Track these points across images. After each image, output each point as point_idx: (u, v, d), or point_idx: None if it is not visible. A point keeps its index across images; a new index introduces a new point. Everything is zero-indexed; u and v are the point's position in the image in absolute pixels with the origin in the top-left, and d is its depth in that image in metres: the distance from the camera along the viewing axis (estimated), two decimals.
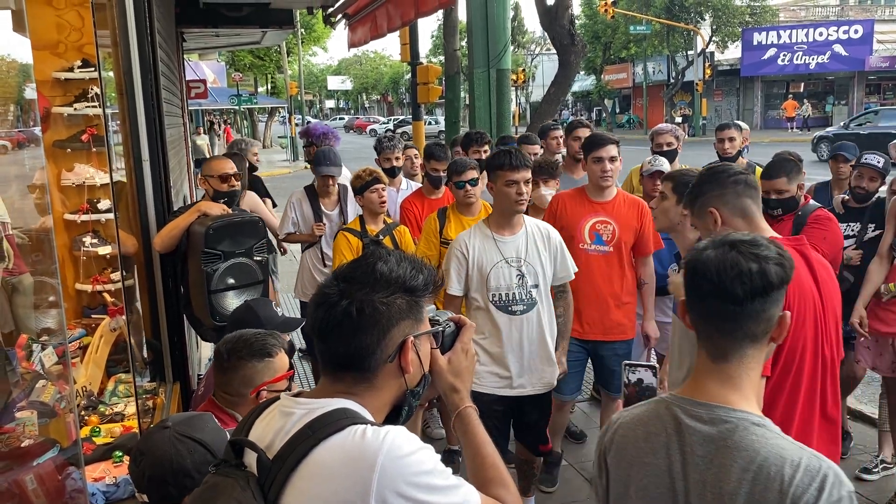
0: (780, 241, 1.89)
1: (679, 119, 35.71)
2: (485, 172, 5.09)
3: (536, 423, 3.62)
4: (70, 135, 3.85)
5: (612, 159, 4.02)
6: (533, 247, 3.43)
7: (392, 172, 5.40)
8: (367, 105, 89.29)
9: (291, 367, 2.41)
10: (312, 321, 1.37)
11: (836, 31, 35.69)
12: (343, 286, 1.35)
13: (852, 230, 4.50)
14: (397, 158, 5.42)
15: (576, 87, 46.13)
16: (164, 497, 1.74)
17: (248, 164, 6.07)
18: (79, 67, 3.75)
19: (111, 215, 3.70)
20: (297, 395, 1.40)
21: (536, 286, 3.43)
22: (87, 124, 3.82)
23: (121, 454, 2.90)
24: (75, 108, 3.74)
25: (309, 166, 5.62)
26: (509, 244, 3.42)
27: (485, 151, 5.21)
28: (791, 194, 3.68)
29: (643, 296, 4.24)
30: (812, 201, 4.01)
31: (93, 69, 3.66)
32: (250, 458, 1.32)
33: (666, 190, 3.09)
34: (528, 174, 3.39)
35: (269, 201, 6.15)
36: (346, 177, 5.53)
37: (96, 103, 3.64)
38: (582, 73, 43.00)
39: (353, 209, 5.00)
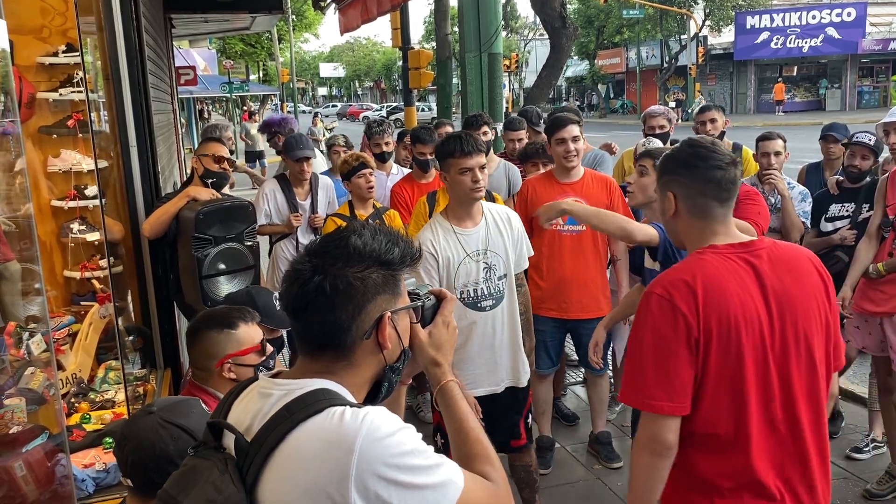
0: (731, 247, 1.92)
1: (673, 103, 35.68)
2: (492, 156, 5.07)
3: (506, 414, 3.38)
4: (56, 120, 3.80)
5: (575, 139, 4.02)
6: (496, 234, 3.25)
7: (382, 157, 5.37)
8: (359, 92, 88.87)
9: (264, 343, 2.34)
10: (285, 299, 1.33)
11: (830, 14, 35.63)
12: (316, 261, 1.31)
13: (847, 210, 4.50)
14: (387, 143, 5.39)
15: (569, 73, 46.03)
16: (146, 482, 1.71)
17: None
18: (63, 52, 3.70)
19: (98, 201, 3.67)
20: (276, 375, 1.37)
21: (504, 276, 3.27)
22: (73, 110, 3.77)
23: (111, 441, 2.89)
24: (60, 94, 3.69)
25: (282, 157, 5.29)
26: (472, 236, 3.22)
27: (483, 133, 4.96)
28: None
29: (617, 272, 4.27)
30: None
31: (77, 54, 3.61)
32: (229, 441, 1.29)
33: (647, 165, 3.13)
34: (483, 159, 3.14)
35: None
36: (318, 166, 5.46)
37: (82, 88, 3.60)
38: (575, 58, 42.89)
39: (323, 199, 4.93)
